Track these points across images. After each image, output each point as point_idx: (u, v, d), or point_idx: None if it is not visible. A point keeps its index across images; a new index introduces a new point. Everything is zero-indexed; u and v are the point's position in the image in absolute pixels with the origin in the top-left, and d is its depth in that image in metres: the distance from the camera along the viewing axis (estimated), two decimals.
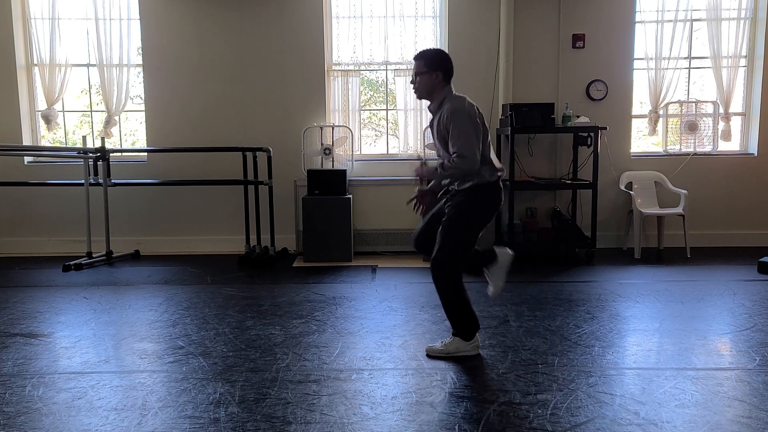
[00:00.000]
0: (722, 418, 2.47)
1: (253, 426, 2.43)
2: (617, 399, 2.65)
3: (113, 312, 4.07)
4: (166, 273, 5.25)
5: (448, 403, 2.63)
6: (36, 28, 6.06)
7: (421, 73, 3.14)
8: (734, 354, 3.21)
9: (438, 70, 3.11)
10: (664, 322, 3.74)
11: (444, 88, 3.15)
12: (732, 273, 5.04)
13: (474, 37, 6.01)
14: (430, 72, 3.11)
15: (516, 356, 3.18)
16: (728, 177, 6.18)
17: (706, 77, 6.29)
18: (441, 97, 3.14)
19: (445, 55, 3.18)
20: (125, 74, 6.10)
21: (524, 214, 6.09)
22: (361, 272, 5.25)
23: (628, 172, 6.14)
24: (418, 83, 3.16)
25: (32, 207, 6.19)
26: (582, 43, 6.02)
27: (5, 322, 3.86)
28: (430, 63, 3.12)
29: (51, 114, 6.13)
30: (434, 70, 3.11)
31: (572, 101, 5.96)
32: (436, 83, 3.13)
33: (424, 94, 3.18)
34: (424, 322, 3.79)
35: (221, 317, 3.92)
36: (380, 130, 6.71)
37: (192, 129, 6.11)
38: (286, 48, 6.05)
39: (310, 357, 3.19)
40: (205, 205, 6.21)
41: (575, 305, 4.14)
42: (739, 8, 6.04)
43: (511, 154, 5.57)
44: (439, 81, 3.13)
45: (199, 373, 2.99)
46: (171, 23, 6.03)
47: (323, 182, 5.73)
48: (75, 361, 3.17)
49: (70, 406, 2.63)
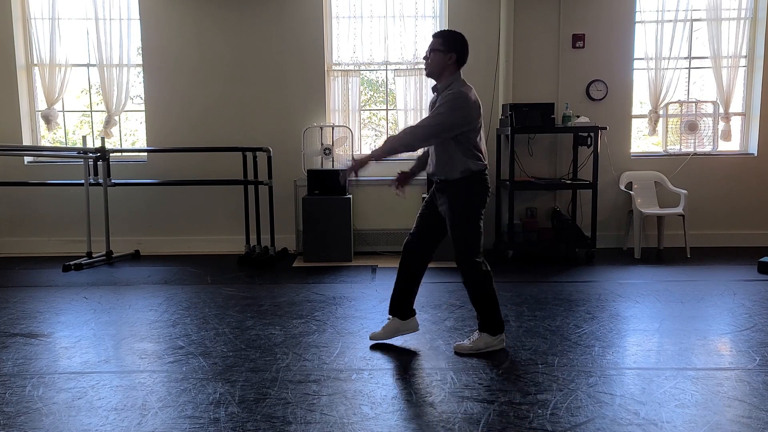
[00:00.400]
0: (722, 418, 2.47)
1: (253, 426, 2.43)
2: (617, 399, 2.65)
3: (113, 312, 4.07)
4: (166, 273, 5.25)
5: (448, 403, 2.63)
6: (36, 28, 6.06)
7: (436, 50, 3.14)
8: (734, 354, 3.21)
9: (453, 51, 3.12)
10: (664, 322, 3.74)
11: (454, 73, 3.16)
12: (732, 273, 5.04)
13: (474, 37, 5.93)
14: (445, 51, 3.12)
15: (516, 356, 3.18)
16: (728, 177, 6.18)
17: (706, 77, 6.29)
18: (450, 80, 3.15)
19: (463, 39, 3.18)
20: (125, 74, 6.10)
21: (524, 214, 6.09)
22: (361, 272, 5.25)
23: (628, 172, 6.15)
24: (431, 59, 3.16)
25: (32, 207, 6.19)
26: (582, 43, 6.02)
27: (5, 322, 3.86)
28: (447, 42, 3.13)
29: (51, 114, 6.13)
30: (449, 50, 3.12)
31: (572, 101, 5.96)
32: (449, 64, 3.14)
33: (435, 71, 3.17)
34: (425, 322, 3.79)
35: (221, 317, 3.92)
36: (380, 130, 6.71)
37: (192, 129, 6.11)
38: (286, 48, 6.05)
39: (310, 357, 3.19)
40: (205, 205, 6.21)
41: (575, 305, 4.14)
42: (739, 8, 6.04)
43: (511, 154, 5.56)
44: (452, 63, 3.14)
45: (199, 373, 2.99)
46: (171, 23, 6.03)
47: (323, 182, 5.73)
48: (75, 361, 3.17)
49: (70, 406, 2.63)
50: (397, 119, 6.32)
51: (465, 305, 4.14)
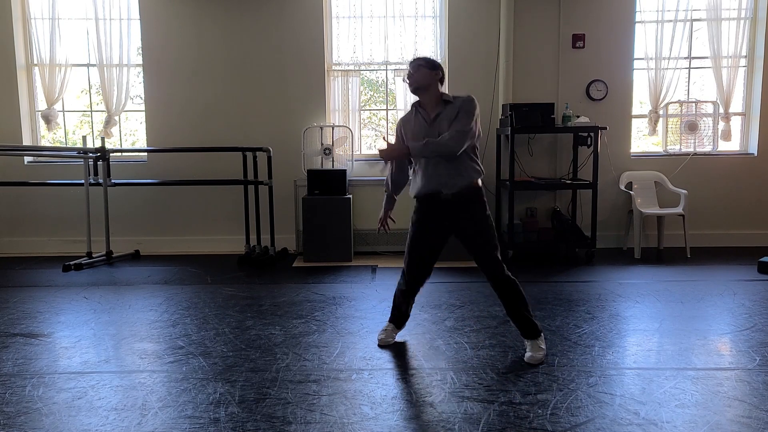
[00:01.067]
0: (722, 418, 2.47)
1: (253, 426, 2.43)
2: (617, 399, 2.65)
3: (113, 312, 4.08)
4: (166, 273, 5.25)
5: (448, 403, 2.63)
6: (36, 28, 6.06)
7: (422, 66, 3.17)
8: (734, 354, 3.20)
9: (438, 69, 3.19)
10: (664, 322, 3.74)
11: (440, 89, 3.20)
12: (732, 273, 5.04)
13: (474, 37, 6.02)
14: (430, 69, 3.16)
15: (516, 356, 3.18)
16: (728, 177, 6.18)
17: (706, 77, 6.29)
18: (438, 94, 3.17)
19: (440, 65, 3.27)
20: (125, 74, 6.10)
21: (524, 214, 6.09)
22: (361, 272, 5.25)
23: (628, 172, 6.14)
24: (418, 75, 3.16)
25: (32, 207, 6.20)
26: (582, 43, 6.02)
27: (5, 322, 3.86)
28: (430, 62, 3.19)
29: (51, 114, 6.13)
30: (434, 69, 3.17)
31: (572, 101, 5.96)
32: (435, 80, 3.18)
33: (423, 84, 3.16)
34: (424, 322, 3.79)
35: (221, 317, 3.92)
36: (380, 130, 6.71)
37: (192, 129, 6.11)
38: (286, 48, 6.05)
39: (310, 357, 3.19)
40: (205, 205, 6.21)
41: (575, 305, 4.14)
42: (739, 8, 6.04)
43: (511, 154, 5.56)
44: (438, 79, 3.19)
45: (199, 373, 2.99)
46: (171, 23, 6.03)
47: (323, 182, 5.73)
48: (75, 361, 3.17)
49: (70, 406, 2.63)
50: (397, 119, 6.31)
51: (465, 305, 4.14)
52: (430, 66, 3.16)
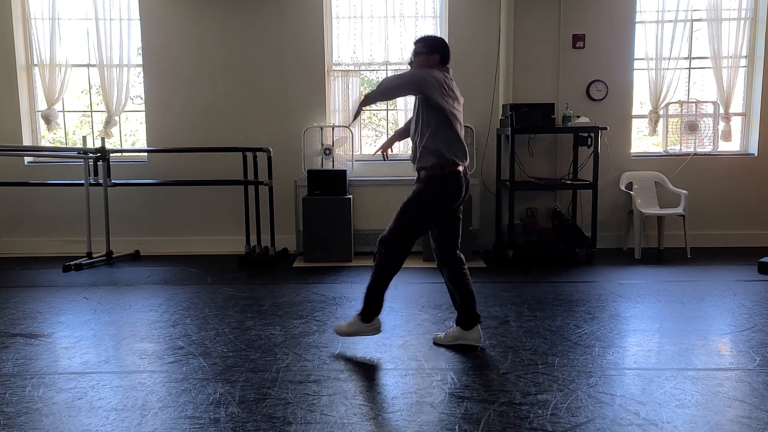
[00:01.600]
0: (722, 418, 2.47)
1: (254, 426, 2.43)
2: (617, 399, 2.65)
3: (113, 312, 4.07)
4: (166, 273, 5.25)
5: (448, 403, 2.63)
6: (36, 28, 6.07)
7: (419, 53, 3.23)
8: (734, 354, 3.20)
9: (436, 53, 3.22)
10: (665, 323, 3.74)
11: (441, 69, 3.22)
12: (732, 273, 5.04)
13: (474, 37, 6.01)
14: (428, 54, 3.21)
15: (516, 356, 3.18)
16: (728, 177, 6.18)
17: (707, 77, 6.29)
18: None
19: (444, 41, 3.29)
20: (125, 74, 6.10)
21: (524, 215, 6.09)
22: (361, 272, 5.25)
23: (629, 173, 6.14)
24: (415, 62, 3.24)
25: (32, 207, 6.20)
26: (582, 43, 6.02)
27: (5, 322, 3.86)
28: (429, 46, 3.23)
29: (51, 114, 6.13)
30: (432, 53, 3.21)
31: (572, 101, 5.96)
32: (433, 65, 3.21)
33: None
34: (424, 322, 3.79)
35: (221, 317, 3.92)
36: (380, 130, 6.71)
37: (192, 129, 6.11)
38: (286, 48, 6.05)
39: (310, 357, 3.19)
40: (205, 206, 6.21)
41: (575, 305, 4.14)
42: (739, 8, 6.04)
43: (512, 155, 5.56)
44: (436, 63, 3.22)
45: (200, 373, 2.99)
46: (171, 23, 6.03)
47: (323, 182, 5.73)
48: (75, 361, 3.17)
49: (70, 406, 2.63)
50: (397, 119, 6.32)
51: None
52: (428, 50, 3.21)
